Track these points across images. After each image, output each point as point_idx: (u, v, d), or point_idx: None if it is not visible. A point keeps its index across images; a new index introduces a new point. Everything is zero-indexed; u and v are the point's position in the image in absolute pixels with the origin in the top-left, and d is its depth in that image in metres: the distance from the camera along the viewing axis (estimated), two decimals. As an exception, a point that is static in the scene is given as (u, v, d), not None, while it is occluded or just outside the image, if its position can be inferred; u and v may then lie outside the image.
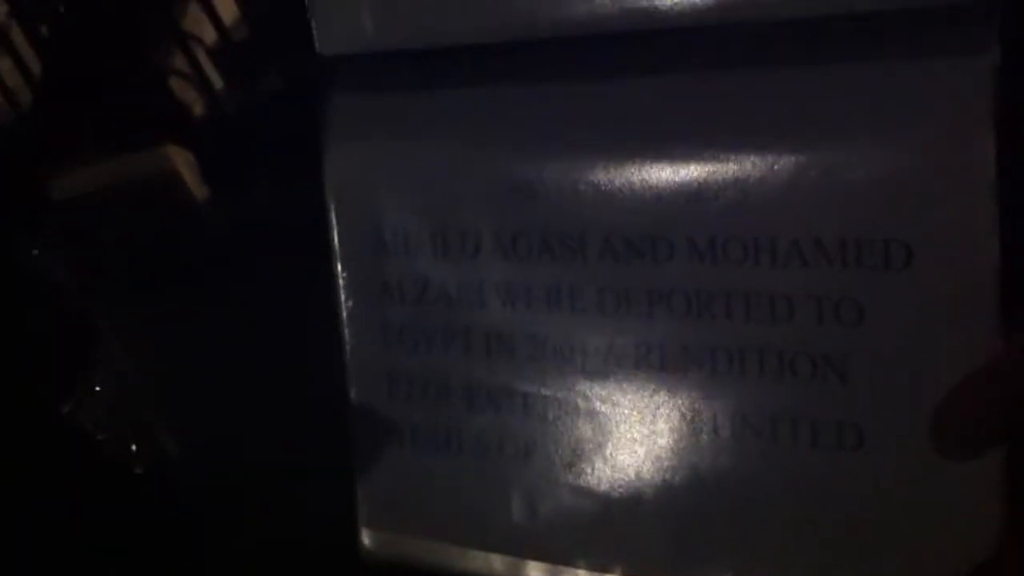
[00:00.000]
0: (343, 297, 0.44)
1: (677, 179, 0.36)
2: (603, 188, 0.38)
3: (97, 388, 0.53)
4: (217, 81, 0.57)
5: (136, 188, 0.53)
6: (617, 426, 0.39)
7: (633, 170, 0.37)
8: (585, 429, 0.40)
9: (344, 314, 0.44)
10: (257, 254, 0.53)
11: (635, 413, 0.39)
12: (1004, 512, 0.32)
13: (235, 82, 0.57)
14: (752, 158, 0.35)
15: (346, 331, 0.45)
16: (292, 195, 0.49)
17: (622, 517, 0.40)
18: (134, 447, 0.53)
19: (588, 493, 0.40)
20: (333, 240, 0.44)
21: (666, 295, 0.37)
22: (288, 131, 0.49)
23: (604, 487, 0.40)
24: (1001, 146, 0.31)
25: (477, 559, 0.43)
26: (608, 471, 0.40)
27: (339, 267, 0.44)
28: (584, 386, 0.40)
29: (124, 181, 0.53)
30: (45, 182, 0.54)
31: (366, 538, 0.46)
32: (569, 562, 0.41)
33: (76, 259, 0.53)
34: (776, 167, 0.35)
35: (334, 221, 0.44)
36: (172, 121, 0.56)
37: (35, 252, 0.53)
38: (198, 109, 0.57)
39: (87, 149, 0.54)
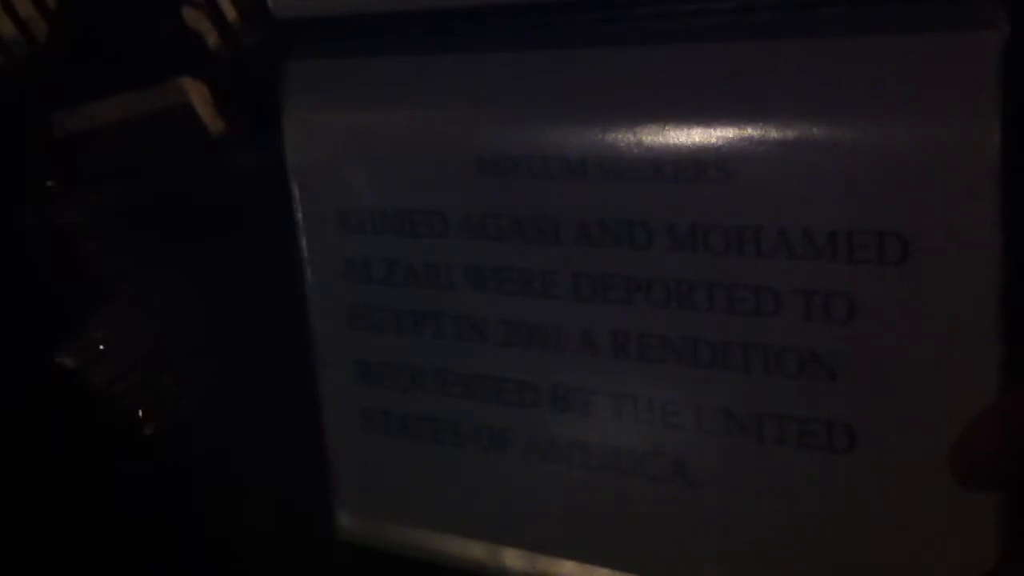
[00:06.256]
0: (307, 274, 0.42)
1: (655, 157, 0.33)
2: (575, 166, 0.35)
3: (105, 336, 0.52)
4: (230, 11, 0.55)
5: (151, 121, 0.51)
6: (595, 416, 0.37)
7: (607, 147, 0.34)
8: (561, 418, 0.38)
9: (307, 291, 0.42)
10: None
11: (613, 403, 0.37)
12: (1001, 519, 0.30)
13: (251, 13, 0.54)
14: (736, 136, 0.32)
15: (310, 309, 0.42)
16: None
17: (601, 509, 0.38)
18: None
19: (565, 483, 0.38)
20: (296, 214, 0.42)
21: (645, 283, 0.35)
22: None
23: (582, 478, 0.38)
24: (1007, 131, 0.28)
25: (455, 544, 0.42)
26: (586, 462, 0.38)
27: (303, 243, 0.42)
28: (560, 374, 0.37)
29: (138, 114, 0.51)
30: (59, 116, 0.51)
31: (342, 521, 0.44)
32: (549, 551, 0.39)
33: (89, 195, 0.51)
34: (762, 148, 0.32)
35: (296, 194, 0.41)
36: (187, 53, 0.54)
37: (49, 184, 0.52)
38: (212, 40, 0.54)
39: (101, 82, 0.52)
